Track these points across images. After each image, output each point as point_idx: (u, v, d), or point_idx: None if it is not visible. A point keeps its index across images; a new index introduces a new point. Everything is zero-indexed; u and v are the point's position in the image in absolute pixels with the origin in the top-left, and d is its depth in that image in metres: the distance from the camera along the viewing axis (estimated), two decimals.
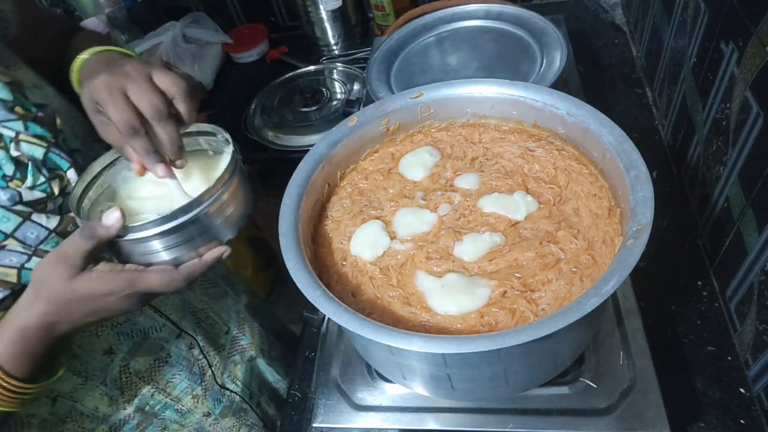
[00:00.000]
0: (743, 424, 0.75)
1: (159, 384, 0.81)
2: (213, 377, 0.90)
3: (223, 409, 0.91)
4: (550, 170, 0.74)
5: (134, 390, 0.77)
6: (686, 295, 0.89)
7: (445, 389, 0.66)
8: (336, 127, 0.78)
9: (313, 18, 1.56)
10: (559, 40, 0.99)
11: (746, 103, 0.72)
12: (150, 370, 0.79)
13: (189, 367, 0.85)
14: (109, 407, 0.75)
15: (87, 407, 0.72)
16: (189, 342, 0.85)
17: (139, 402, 0.78)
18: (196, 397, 0.87)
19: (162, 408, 0.83)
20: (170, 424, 0.84)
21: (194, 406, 0.87)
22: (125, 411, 0.77)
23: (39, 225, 0.57)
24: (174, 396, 0.83)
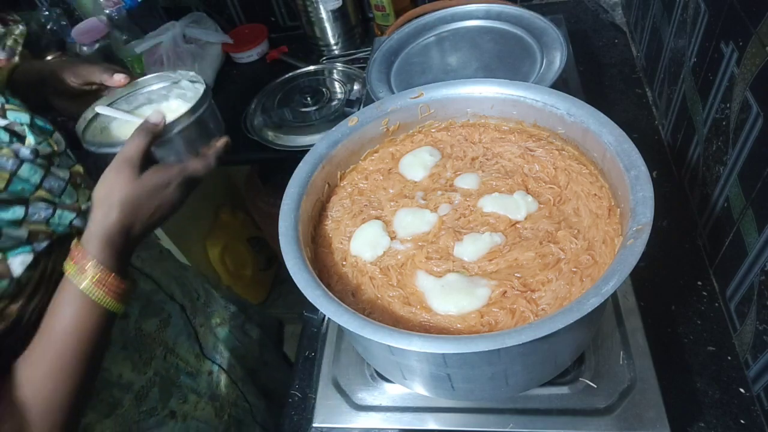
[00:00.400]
0: (743, 424, 0.75)
1: (168, 344, 0.86)
2: (204, 337, 0.96)
3: (218, 368, 0.98)
4: (550, 170, 0.74)
5: (149, 352, 0.82)
6: (686, 295, 0.89)
7: (445, 389, 0.66)
8: (336, 127, 0.78)
9: (313, 18, 1.56)
10: (559, 40, 0.99)
11: (746, 103, 0.72)
12: (158, 331, 0.84)
13: (186, 329, 0.91)
14: (132, 372, 0.79)
15: (113, 375, 0.76)
16: (180, 305, 0.92)
17: (155, 365, 0.83)
18: (198, 356, 0.93)
19: (176, 372, 0.87)
20: (188, 394, 0.89)
21: (199, 366, 0.92)
22: (146, 375, 0.81)
23: (57, 177, 0.63)
24: (181, 357, 0.89)
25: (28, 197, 0.59)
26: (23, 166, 0.59)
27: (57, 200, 0.62)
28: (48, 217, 0.62)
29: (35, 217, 0.60)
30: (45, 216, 0.61)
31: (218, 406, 0.95)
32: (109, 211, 0.63)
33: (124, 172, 0.64)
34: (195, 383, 0.91)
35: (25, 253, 0.59)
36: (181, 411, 0.87)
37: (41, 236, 0.61)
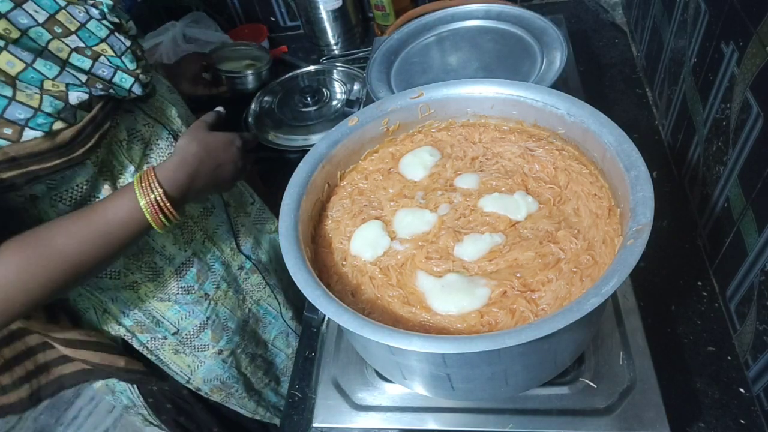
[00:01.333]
0: (743, 424, 0.75)
1: (207, 231, 0.94)
2: (243, 236, 1.02)
3: (251, 266, 1.03)
4: (550, 170, 0.74)
5: (190, 233, 0.90)
6: (686, 295, 0.89)
7: (445, 389, 0.66)
8: (336, 127, 0.78)
9: (313, 18, 1.55)
10: (559, 40, 0.99)
11: (746, 103, 0.72)
12: (201, 216, 0.92)
13: (228, 221, 0.98)
14: (173, 245, 0.88)
15: (157, 243, 0.85)
16: (225, 199, 0.98)
17: (194, 246, 0.91)
18: (233, 250, 0.99)
19: (212, 258, 0.95)
20: (220, 282, 0.97)
21: (232, 258, 1.00)
22: (185, 253, 0.90)
23: (120, 40, 0.72)
24: (218, 245, 0.96)
25: (93, 47, 0.69)
26: (91, 22, 0.69)
27: (118, 62, 0.71)
28: (110, 76, 0.70)
29: (99, 71, 0.69)
30: (108, 74, 0.70)
31: (241, 298, 1.03)
32: (189, 145, 0.77)
33: (201, 126, 0.81)
34: (226, 273, 0.98)
35: (82, 92, 0.66)
36: (214, 296, 0.97)
37: (99, 83, 0.69)
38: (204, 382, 1.03)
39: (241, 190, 1.06)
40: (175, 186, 0.73)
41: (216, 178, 0.80)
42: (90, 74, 0.68)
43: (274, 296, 1.09)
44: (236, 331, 1.03)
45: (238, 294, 1.03)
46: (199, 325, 0.96)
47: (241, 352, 1.06)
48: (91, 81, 0.68)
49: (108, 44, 0.70)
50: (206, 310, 0.96)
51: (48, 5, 0.66)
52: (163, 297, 0.90)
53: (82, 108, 0.66)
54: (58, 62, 0.65)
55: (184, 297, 0.92)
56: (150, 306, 0.90)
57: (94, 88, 0.68)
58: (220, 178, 0.80)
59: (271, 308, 1.10)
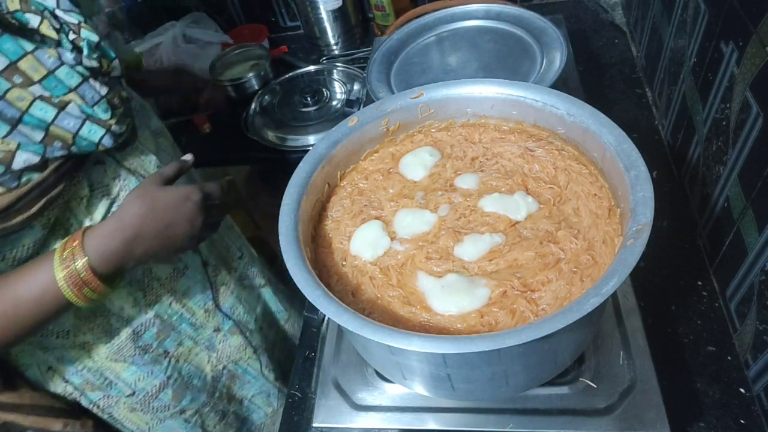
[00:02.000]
0: (743, 424, 0.75)
1: (176, 293, 0.86)
2: (224, 295, 0.96)
3: (231, 326, 0.97)
4: (550, 170, 0.74)
5: (155, 295, 0.83)
6: (686, 295, 0.89)
7: (445, 389, 0.66)
8: (336, 127, 0.78)
9: (313, 18, 1.56)
10: (559, 40, 0.99)
11: (746, 103, 0.72)
12: (169, 278, 0.85)
13: (203, 282, 0.91)
14: (133, 308, 0.81)
15: (114, 305, 0.78)
16: (204, 259, 0.91)
17: (158, 309, 0.84)
18: (208, 311, 0.92)
19: (178, 319, 0.88)
20: (185, 340, 0.90)
21: (206, 320, 0.92)
22: (146, 315, 0.83)
23: (94, 88, 0.66)
24: (188, 307, 0.89)
25: (60, 96, 0.62)
26: (62, 68, 0.63)
27: (89, 111, 0.65)
28: (77, 128, 0.64)
29: (64, 123, 0.62)
30: (74, 125, 0.63)
31: (215, 357, 0.97)
32: (131, 204, 0.68)
33: (153, 181, 0.70)
34: (195, 333, 0.92)
35: (33, 153, 0.60)
36: (175, 352, 0.90)
37: (58, 143, 0.62)
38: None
39: (227, 244, 0.99)
40: (105, 255, 0.64)
41: (166, 240, 0.69)
42: (51, 127, 0.61)
43: (256, 357, 1.03)
44: (203, 388, 0.96)
45: (210, 352, 0.96)
46: (159, 385, 0.89)
47: (210, 410, 0.98)
48: (49, 138, 0.61)
49: (78, 94, 0.64)
50: (166, 369, 0.89)
51: (11, 50, 0.59)
52: (118, 358, 0.82)
53: (32, 170, 0.60)
54: (13, 116, 0.59)
55: (141, 357, 0.84)
56: (102, 366, 0.82)
57: (52, 147, 0.61)
58: (172, 240, 0.69)
59: (251, 369, 1.04)
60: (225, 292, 0.96)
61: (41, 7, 0.65)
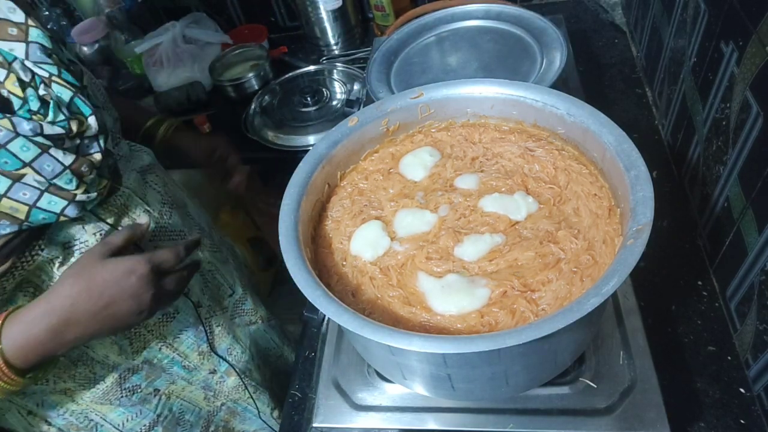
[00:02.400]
0: (743, 424, 0.75)
1: (167, 339, 0.83)
2: (219, 336, 0.93)
3: (228, 368, 0.94)
4: (550, 170, 0.74)
5: (142, 342, 0.80)
6: (686, 295, 0.89)
7: (445, 389, 0.66)
8: (336, 127, 0.78)
9: (313, 18, 1.56)
10: (559, 40, 0.99)
11: (746, 103, 0.72)
12: (158, 325, 0.81)
13: (195, 325, 0.87)
14: (119, 356, 0.78)
15: (98, 354, 0.75)
16: (196, 301, 0.87)
17: (147, 354, 0.81)
18: (202, 354, 0.89)
19: (169, 363, 0.86)
20: (178, 380, 0.88)
21: (200, 363, 0.90)
22: (134, 362, 0.80)
23: (55, 159, 0.59)
24: (181, 351, 0.86)
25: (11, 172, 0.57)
26: (16, 140, 0.57)
27: (49, 182, 0.59)
28: (33, 200, 0.59)
29: (18, 194, 0.57)
30: (30, 197, 0.58)
31: (211, 394, 0.95)
32: (63, 284, 0.61)
33: (96, 253, 0.63)
34: (189, 375, 0.90)
35: None
36: (166, 390, 0.87)
37: (5, 221, 0.57)
38: None
39: (219, 282, 0.95)
40: (25, 344, 0.58)
41: (106, 320, 0.63)
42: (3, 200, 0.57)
43: (256, 397, 1.01)
44: (196, 423, 0.93)
45: (207, 391, 0.93)
46: (149, 424, 0.85)
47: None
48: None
49: (34, 168, 0.58)
50: (156, 408, 0.86)
51: None
52: (104, 401, 0.79)
53: None
54: None
55: (128, 399, 0.81)
56: (87, 409, 0.79)
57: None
58: (114, 319, 0.63)
59: (251, 407, 1.02)
60: (221, 334, 0.93)
61: (10, 57, 0.59)
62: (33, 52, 0.60)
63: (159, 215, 0.81)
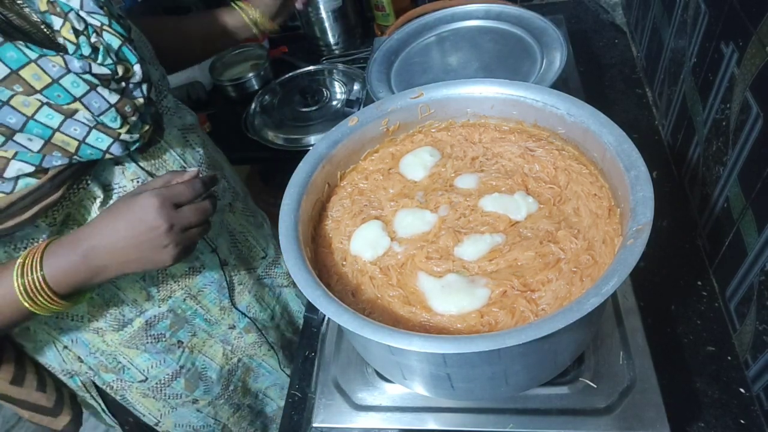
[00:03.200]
0: (743, 424, 0.75)
1: (191, 290, 0.87)
2: (240, 293, 0.96)
3: (246, 324, 0.97)
4: (550, 170, 0.74)
5: (169, 290, 0.84)
6: (686, 295, 0.89)
7: (445, 389, 0.66)
8: (336, 127, 0.78)
9: (313, 18, 1.56)
10: (559, 40, 0.99)
11: (746, 103, 0.72)
12: (184, 276, 0.85)
13: (219, 282, 0.90)
14: (147, 302, 0.82)
15: (128, 297, 0.80)
16: (223, 259, 0.91)
17: (172, 303, 0.85)
18: (224, 309, 0.93)
19: (192, 314, 0.89)
20: (199, 332, 0.92)
21: (221, 317, 0.93)
22: (160, 309, 0.84)
23: (102, 97, 0.64)
24: (203, 304, 0.90)
25: (63, 106, 0.61)
26: (67, 76, 0.61)
27: (96, 120, 0.64)
28: (83, 135, 0.63)
29: (70, 129, 0.62)
30: (80, 133, 0.63)
31: (229, 350, 0.97)
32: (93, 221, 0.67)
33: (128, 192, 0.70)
34: (210, 328, 0.93)
35: (27, 163, 0.60)
36: (189, 343, 0.91)
37: (57, 152, 0.62)
38: (175, 427, 0.98)
39: (251, 244, 0.98)
40: (63, 268, 0.63)
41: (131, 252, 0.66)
42: (56, 134, 0.61)
43: (273, 353, 1.04)
44: (217, 381, 0.97)
45: (225, 345, 0.97)
46: (172, 373, 0.90)
47: (224, 403, 1.00)
48: (48, 147, 0.61)
49: (83, 103, 0.62)
50: (179, 359, 0.90)
51: (13, 59, 0.58)
52: (131, 345, 0.84)
53: (28, 176, 0.61)
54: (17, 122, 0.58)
55: (154, 346, 0.86)
56: (116, 351, 0.85)
57: (51, 157, 0.61)
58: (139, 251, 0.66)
59: (266, 363, 1.05)
60: (242, 292, 0.96)
61: (66, 8, 0.64)
62: (87, 2, 0.66)
63: None
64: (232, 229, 0.96)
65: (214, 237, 0.90)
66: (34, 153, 0.60)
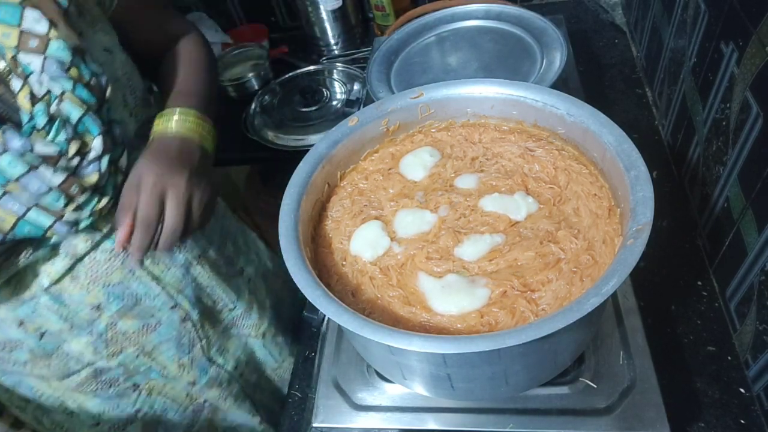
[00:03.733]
0: (743, 424, 0.75)
1: (145, 347, 0.82)
2: (202, 350, 0.90)
3: (209, 379, 0.92)
4: (550, 170, 0.74)
5: (119, 347, 0.80)
6: (686, 295, 0.89)
7: (445, 389, 0.66)
8: (336, 127, 0.78)
9: (313, 18, 1.56)
10: (559, 40, 0.99)
11: (746, 103, 0.72)
12: (137, 333, 0.80)
13: (178, 338, 0.85)
14: (94, 355, 0.78)
15: (73, 350, 0.76)
16: (183, 315, 0.85)
17: (123, 359, 0.81)
18: (182, 366, 0.87)
19: (147, 370, 0.84)
20: (159, 378, 0.87)
21: (179, 374, 0.87)
22: (108, 363, 0.80)
23: (43, 179, 0.59)
24: (159, 361, 0.85)
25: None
26: (4, 156, 0.57)
27: (35, 200, 0.60)
28: (22, 212, 0.60)
29: (8, 205, 0.58)
30: (18, 209, 0.59)
31: (195, 391, 0.91)
32: None
33: None
34: (166, 382, 0.87)
35: None
36: (146, 386, 0.85)
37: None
38: None
39: (218, 297, 0.91)
40: None
41: None
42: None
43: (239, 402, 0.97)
44: (179, 423, 0.90)
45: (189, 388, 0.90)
46: (127, 418, 0.84)
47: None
48: None
49: (20, 184, 0.58)
50: (135, 402, 0.85)
51: None
52: (78, 390, 0.80)
53: None
54: None
55: (105, 391, 0.81)
56: (63, 395, 0.81)
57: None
58: None
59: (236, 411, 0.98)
60: (204, 347, 0.90)
61: (27, 70, 0.59)
62: (49, 66, 0.60)
63: None
64: (199, 283, 0.87)
65: (175, 293, 0.83)
66: None
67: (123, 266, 0.75)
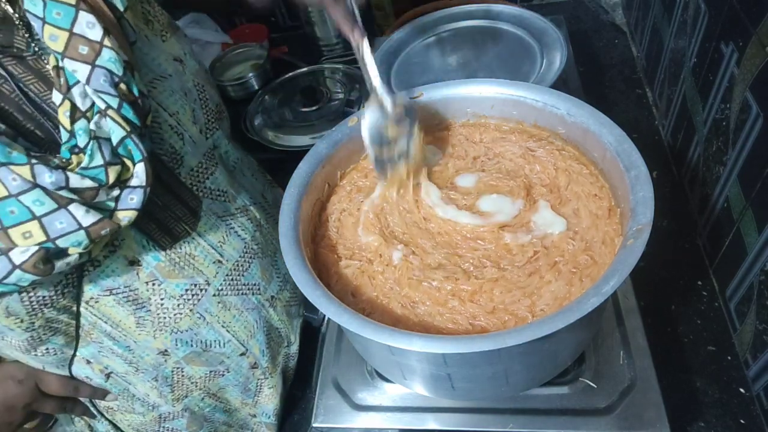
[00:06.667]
0: (743, 423, 0.75)
1: (211, 390, 0.81)
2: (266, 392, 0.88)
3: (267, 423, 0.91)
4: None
5: (185, 391, 0.78)
6: (686, 295, 0.89)
7: (445, 389, 0.66)
8: (336, 127, 0.78)
9: (314, 18, 1.55)
10: (559, 40, 0.99)
11: (746, 103, 0.72)
12: (204, 379, 0.79)
13: (245, 383, 0.84)
14: (159, 398, 0.77)
15: (138, 392, 0.75)
16: (252, 362, 0.82)
17: (188, 402, 0.80)
18: (246, 404, 0.88)
19: (211, 411, 0.84)
20: (219, 426, 0.87)
21: (242, 407, 0.88)
22: (174, 408, 0.79)
23: (73, 217, 0.49)
24: (224, 400, 0.85)
25: (7, 228, 0.47)
26: (32, 192, 0.47)
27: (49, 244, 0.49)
28: None
29: None
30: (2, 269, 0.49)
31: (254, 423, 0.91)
32: None
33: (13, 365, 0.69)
34: (230, 418, 0.88)
35: None
36: None
37: None
38: None
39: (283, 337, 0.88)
40: None
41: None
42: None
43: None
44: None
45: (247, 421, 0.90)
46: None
47: None
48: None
49: (41, 225, 0.48)
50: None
51: None
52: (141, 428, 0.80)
53: None
54: None
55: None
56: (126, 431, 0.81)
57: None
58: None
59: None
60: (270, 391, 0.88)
61: (72, 79, 0.50)
62: (96, 77, 0.50)
63: None
64: (269, 327, 0.84)
65: (246, 339, 0.80)
66: None
67: (192, 313, 0.71)
